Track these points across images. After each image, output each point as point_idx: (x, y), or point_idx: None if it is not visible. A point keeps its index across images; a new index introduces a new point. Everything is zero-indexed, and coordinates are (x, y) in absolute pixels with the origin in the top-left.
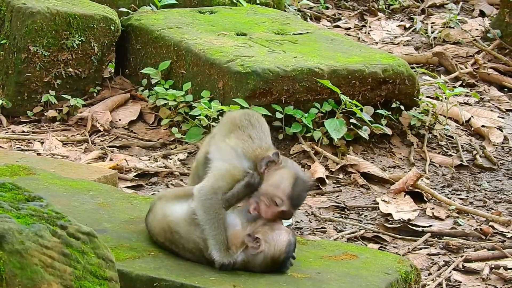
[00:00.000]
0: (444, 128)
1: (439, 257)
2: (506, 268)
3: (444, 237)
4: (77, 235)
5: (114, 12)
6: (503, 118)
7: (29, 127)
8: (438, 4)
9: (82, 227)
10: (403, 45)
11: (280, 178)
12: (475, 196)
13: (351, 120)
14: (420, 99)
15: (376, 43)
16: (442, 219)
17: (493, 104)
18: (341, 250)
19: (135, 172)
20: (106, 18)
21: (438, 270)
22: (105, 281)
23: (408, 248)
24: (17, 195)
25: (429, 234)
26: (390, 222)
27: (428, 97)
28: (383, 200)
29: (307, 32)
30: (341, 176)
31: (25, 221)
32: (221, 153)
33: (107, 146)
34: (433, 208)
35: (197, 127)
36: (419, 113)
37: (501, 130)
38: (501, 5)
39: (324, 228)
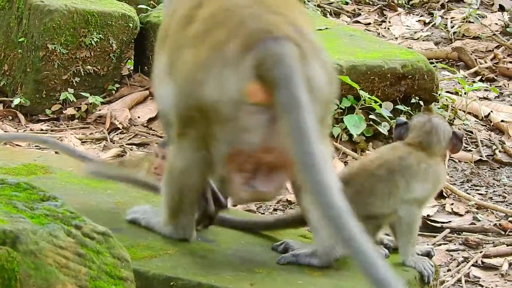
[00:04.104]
0: (464, 123)
1: (458, 253)
2: None
3: (463, 233)
4: (92, 235)
5: (132, 9)
6: None
7: (48, 125)
8: None
9: (97, 226)
10: (423, 40)
11: None
12: (494, 191)
13: (371, 116)
14: (439, 94)
15: (396, 38)
16: (461, 215)
17: None
18: None
19: None
20: (124, 15)
21: (457, 266)
22: (120, 281)
23: (427, 244)
24: (31, 195)
25: (448, 230)
26: None
27: (447, 92)
28: None
29: (326, 28)
30: None
31: (39, 221)
32: None
33: (126, 144)
34: (452, 204)
35: None
36: (438, 108)
37: None
38: None
39: None
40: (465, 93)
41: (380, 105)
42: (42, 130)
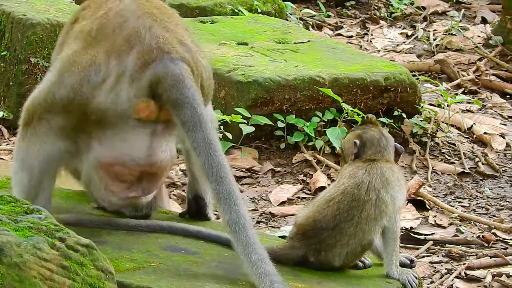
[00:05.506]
0: (446, 136)
1: (441, 265)
2: (508, 276)
3: (447, 245)
4: (76, 247)
5: None
6: (505, 125)
7: None
8: (440, 12)
9: (81, 239)
10: (405, 53)
11: None
12: (477, 203)
13: None
14: (422, 107)
15: (378, 51)
16: (444, 227)
17: (495, 111)
18: None
19: None
20: None
21: (440, 278)
22: None
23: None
24: (15, 207)
25: (431, 242)
26: None
27: (430, 104)
28: None
29: (309, 41)
30: None
31: (23, 233)
32: None
33: None
34: (435, 216)
35: None
36: (421, 120)
37: (503, 137)
38: (503, 12)
39: None
40: (447, 106)
41: (363, 118)
42: None
